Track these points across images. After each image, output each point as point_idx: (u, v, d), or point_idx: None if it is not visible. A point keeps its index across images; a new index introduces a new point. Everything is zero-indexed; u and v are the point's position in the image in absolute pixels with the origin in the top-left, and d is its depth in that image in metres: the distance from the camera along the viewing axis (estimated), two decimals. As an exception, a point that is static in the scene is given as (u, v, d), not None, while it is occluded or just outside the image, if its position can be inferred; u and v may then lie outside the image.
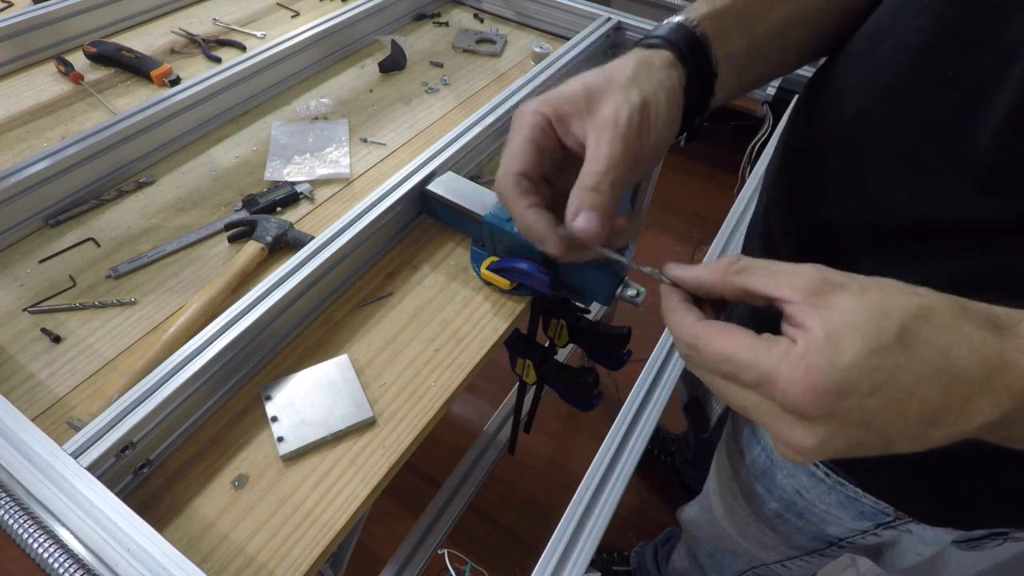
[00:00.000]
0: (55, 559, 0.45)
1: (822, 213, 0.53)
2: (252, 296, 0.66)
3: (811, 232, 0.54)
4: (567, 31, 1.23)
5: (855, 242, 0.49)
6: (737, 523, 0.84)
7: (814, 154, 0.54)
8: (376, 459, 0.61)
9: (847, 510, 0.65)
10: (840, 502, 0.65)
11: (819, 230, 0.53)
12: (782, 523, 0.75)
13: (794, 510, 0.71)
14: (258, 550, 0.55)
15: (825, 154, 0.53)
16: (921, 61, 0.44)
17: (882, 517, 0.64)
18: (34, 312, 0.72)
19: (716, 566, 1.05)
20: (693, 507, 1.03)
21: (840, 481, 0.63)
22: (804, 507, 0.69)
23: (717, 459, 0.87)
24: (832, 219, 0.52)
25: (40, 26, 1.06)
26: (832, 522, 0.68)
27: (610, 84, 0.43)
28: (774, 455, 0.71)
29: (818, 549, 0.76)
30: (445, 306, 0.75)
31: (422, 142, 1.00)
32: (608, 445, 0.61)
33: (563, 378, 0.82)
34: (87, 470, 0.51)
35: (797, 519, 0.72)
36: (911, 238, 0.45)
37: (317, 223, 0.86)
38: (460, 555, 0.79)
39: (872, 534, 0.67)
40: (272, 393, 0.65)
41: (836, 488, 0.64)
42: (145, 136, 0.89)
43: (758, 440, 0.73)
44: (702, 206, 2.48)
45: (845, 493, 0.64)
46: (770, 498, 0.74)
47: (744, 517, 0.82)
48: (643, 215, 0.49)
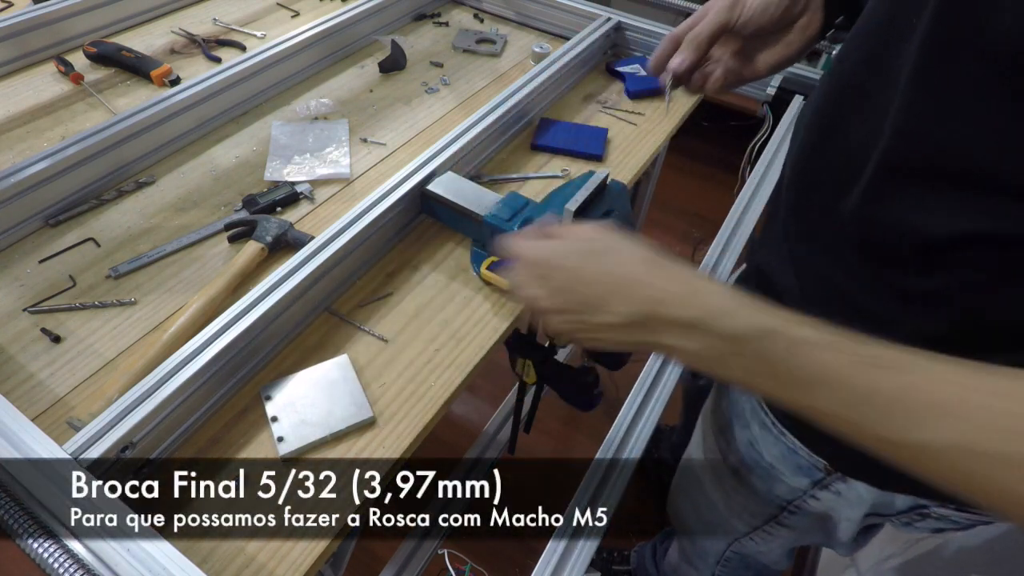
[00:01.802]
0: (55, 559, 0.45)
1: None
2: (252, 296, 0.66)
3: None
4: (567, 31, 1.23)
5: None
6: (709, 484, 0.88)
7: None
8: (376, 459, 0.61)
9: (787, 463, 0.69)
10: (783, 454, 0.69)
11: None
12: (739, 482, 0.79)
13: (747, 463, 0.75)
14: (258, 550, 0.55)
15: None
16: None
17: (816, 474, 0.68)
18: (34, 312, 0.72)
19: (700, 552, 1.07)
20: (675, 490, 1.05)
21: (782, 431, 0.68)
22: (755, 460, 0.73)
23: (701, 417, 0.91)
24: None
25: (40, 26, 1.06)
26: (777, 477, 0.72)
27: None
28: (737, 406, 0.75)
29: (773, 515, 0.79)
30: (445, 306, 0.75)
31: (422, 142, 1.00)
32: (608, 445, 0.61)
33: (563, 378, 0.82)
34: (87, 470, 0.51)
35: (749, 474, 0.76)
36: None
37: (317, 223, 0.86)
38: (460, 555, 0.79)
39: (811, 496, 0.71)
40: (272, 393, 0.65)
41: (780, 440, 0.68)
42: (145, 136, 0.89)
43: (729, 392, 0.77)
44: (702, 206, 2.48)
45: (786, 444, 0.68)
46: (729, 451, 0.78)
47: (713, 476, 0.86)
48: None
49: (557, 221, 0.65)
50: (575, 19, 1.21)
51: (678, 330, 0.43)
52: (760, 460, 0.73)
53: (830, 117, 0.55)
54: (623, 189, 0.68)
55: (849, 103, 0.52)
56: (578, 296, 0.48)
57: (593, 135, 1.00)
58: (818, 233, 0.57)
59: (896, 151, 0.46)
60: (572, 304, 0.48)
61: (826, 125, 0.55)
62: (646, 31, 1.16)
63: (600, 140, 0.99)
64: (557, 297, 0.49)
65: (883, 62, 0.47)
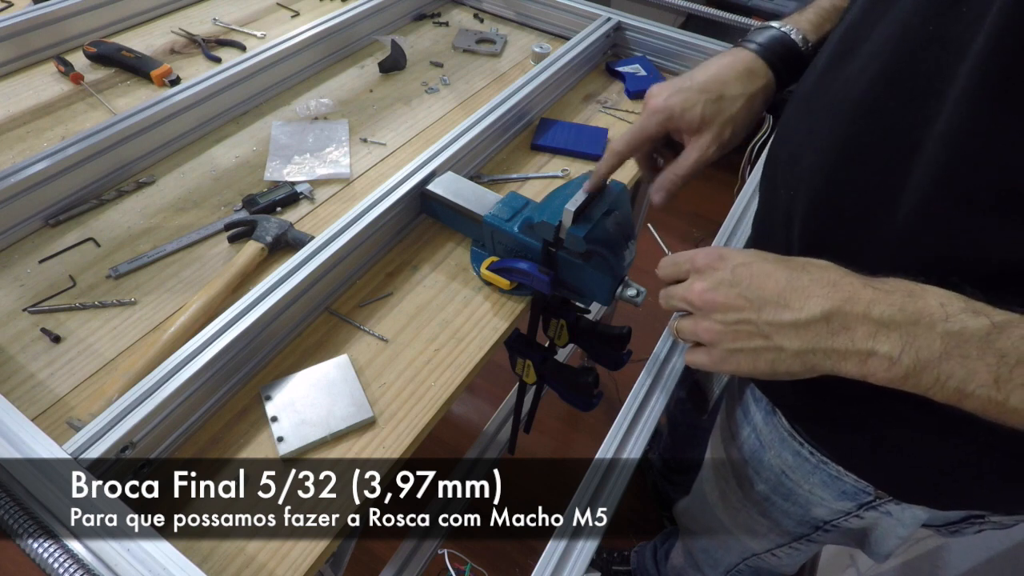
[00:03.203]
0: (55, 559, 0.45)
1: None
2: (252, 296, 0.66)
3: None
4: (567, 31, 1.23)
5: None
6: (728, 510, 0.85)
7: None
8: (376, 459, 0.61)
9: (830, 490, 0.66)
10: (823, 481, 0.66)
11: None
12: (770, 506, 0.76)
13: (781, 491, 0.72)
14: (258, 550, 0.55)
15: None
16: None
17: (863, 497, 0.65)
18: (34, 312, 0.72)
19: (710, 560, 1.05)
20: (687, 499, 1.03)
21: (823, 459, 0.64)
22: (790, 488, 0.71)
23: (712, 445, 0.88)
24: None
25: (40, 26, 1.06)
26: (816, 503, 0.69)
27: (718, 115, 0.61)
28: (763, 436, 0.72)
29: (805, 534, 0.77)
30: (445, 306, 0.75)
31: (422, 142, 1.00)
32: (608, 445, 0.61)
33: (563, 378, 0.82)
34: (87, 470, 0.51)
35: (783, 501, 0.73)
36: None
37: (317, 223, 0.86)
38: (460, 555, 0.79)
39: (855, 516, 0.68)
40: (272, 393, 0.65)
41: (820, 467, 0.65)
42: (145, 136, 0.89)
43: (749, 421, 0.74)
44: (702, 206, 2.48)
45: (828, 472, 0.65)
46: (758, 480, 0.75)
47: (735, 502, 0.82)
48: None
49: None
50: (575, 19, 1.21)
51: (872, 328, 0.39)
52: (796, 488, 0.70)
53: (846, 139, 0.50)
54: (623, 189, 0.68)
55: (867, 124, 0.48)
56: (755, 291, 0.44)
57: (593, 135, 1.00)
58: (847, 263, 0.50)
59: (956, 173, 0.42)
60: (746, 299, 0.44)
61: (847, 146, 0.50)
62: (646, 31, 1.16)
63: (600, 140, 0.99)
64: (731, 290, 0.45)
65: (908, 79, 0.44)
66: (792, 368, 0.44)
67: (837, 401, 0.58)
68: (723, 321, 0.46)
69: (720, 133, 0.62)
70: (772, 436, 0.70)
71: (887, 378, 0.40)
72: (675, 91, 0.62)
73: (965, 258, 0.43)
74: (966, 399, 0.38)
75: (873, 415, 0.56)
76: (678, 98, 0.62)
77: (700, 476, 0.95)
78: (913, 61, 0.44)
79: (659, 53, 1.17)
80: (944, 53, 0.41)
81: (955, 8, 0.41)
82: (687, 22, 1.98)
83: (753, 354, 0.45)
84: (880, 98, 0.46)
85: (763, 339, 0.44)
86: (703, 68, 0.64)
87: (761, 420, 0.71)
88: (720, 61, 0.64)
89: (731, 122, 0.62)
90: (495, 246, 0.76)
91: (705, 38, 1.12)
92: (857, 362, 0.40)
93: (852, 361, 0.40)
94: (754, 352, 0.45)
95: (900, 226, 0.45)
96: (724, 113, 0.62)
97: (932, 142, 0.42)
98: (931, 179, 0.43)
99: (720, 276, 0.47)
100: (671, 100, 0.62)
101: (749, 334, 0.44)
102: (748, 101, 0.62)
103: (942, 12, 0.42)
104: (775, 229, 0.60)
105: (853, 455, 0.63)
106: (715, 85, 0.62)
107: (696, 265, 0.49)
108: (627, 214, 0.68)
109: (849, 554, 1.25)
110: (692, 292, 0.48)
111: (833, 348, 0.41)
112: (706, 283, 0.47)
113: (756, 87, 0.62)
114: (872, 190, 0.48)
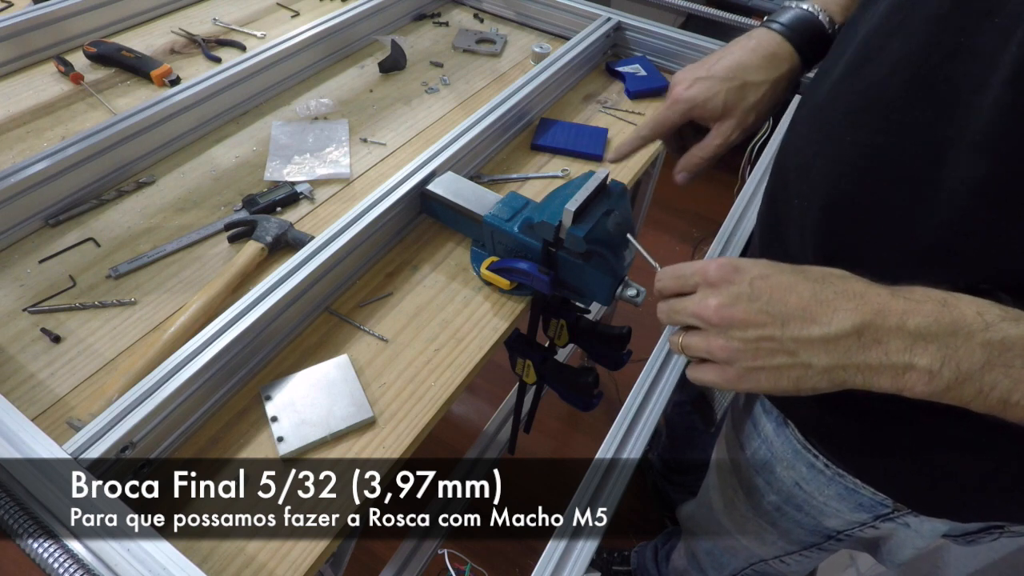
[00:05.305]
0: (55, 559, 0.45)
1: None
2: (252, 296, 0.66)
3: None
4: (567, 31, 1.23)
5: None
6: (736, 518, 0.85)
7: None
8: (376, 459, 0.61)
9: (846, 502, 0.65)
10: (839, 494, 0.65)
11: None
12: (781, 516, 0.75)
13: (793, 503, 0.71)
14: (258, 550, 0.55)
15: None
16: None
17: (881, 509, 0.64)
18: (34, 312, 0.72)
19: (715, 564, 1.05)
20: (692, 504, 1.03)
21: (839, 472, 0.63)
22: (803, 499, 0.70)
23: (717, 454, 0.88)
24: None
25: (40, 26, 1.06)
26: (831, 514, 0.68)
27: (741, 102, 0.62)
28: (775, 448, 0.71)
29: (816, 543, 0.76)
30: (445, 306, 0.75)
31: (422, 142, 1.00)
32: (608, 445, 0.61)
33: (563, 378, 0.82)
34: (87, 470, 0.51)
35: (796, 512, 0.72)
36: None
37: (317, 223, 0.86)
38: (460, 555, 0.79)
39: (870, 527, 0.67)
40: (272, 393, 0.65)
41: (835, 480, 0.64)
42: (145, 136, 0.89)
43: (758, 433, 0.74)
44: (702, 206, 2.48)
45: (844, 484, 0.64)
46: (769, 491, 0.74)
47: (743, 511, 0.82)
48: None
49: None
50: (575, 19, 1.21)
51: (908, 340, 0.37)
52: (809, 500, 0.69)
53: (868, 149, 0.48)
54: (623, 189, 0.68)
55: (891, 133, 0.46)
56: (777, 306, 0.41)
57: (593, 135, 1.00)
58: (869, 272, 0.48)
59: (998, 184, 0.40)
60: (768, 315, 0.41)
61: (869, 155, 0.48)
62: (646, 31, 1.16)
63: (600, 140, 0.99)
64: (751, 305, 0.42)
65: (935, 89, 0.43)
66: (819, 385, 0.42)
67: (856, 415, 0.57)
68: (742, 339, 0.43)
69: (743, 120, 0.63)
70: (784, 448, 0.69)
71: (926, 392, 0.38)
72: (697, 79, 0.64)
73: (1004, 267, 0.42)
74: (1010, 409, 0.37)
75: (894, 429, 0.55)
76: (700, 87, 0.63)
77: (705, 483, 0.94)
78: (941, 71, 0.43)
79: (659, 53, 1.17)
80: (975, 63, 0.41)
81: (987, 19, 0.40)
82: (687, 22, 1.98)
83: (776, 372, 0.43)
84: (906, 108, 0.45)
85: (788, 356, 0.42)
86: (727, 52, 0.64)
87: (772, 432, 0.70)
88: (745, 44, 0.64)
89: (754, 109, 0.63)
90: (495, 246, 0.76)
91: (705, 38, 1.12)
92: (892, 376, 0.39)
93: (887, 376, 0.39)
94: (776, 370, 0.43)
95: (932, 236, 0.44)
96: (747, 100, 0.63)
97: (965, 152, 0.41)
98: (969, 190, 0.41)
99: (737, 290, 0.43)
100: (692, 90, 0.63)
101: (772, 351, 0.42)
102: (772, 87, 0.63)
103: (973, 23, 0.41)
104: (786, 238, 0.59)
105: (872, 468, 0.61)
106: (738, 72, 0.62)
107: (708, 278, 0.45)
108: (627, 214, 0.68)
109: (849, 554, 1.25)
110: (706, 308, 0.45)
111: (866, 363, 0.39)
112: (722, 298, 0.44)
113: (780, 72, 0.63)
114: (897, 200, 0.46)
